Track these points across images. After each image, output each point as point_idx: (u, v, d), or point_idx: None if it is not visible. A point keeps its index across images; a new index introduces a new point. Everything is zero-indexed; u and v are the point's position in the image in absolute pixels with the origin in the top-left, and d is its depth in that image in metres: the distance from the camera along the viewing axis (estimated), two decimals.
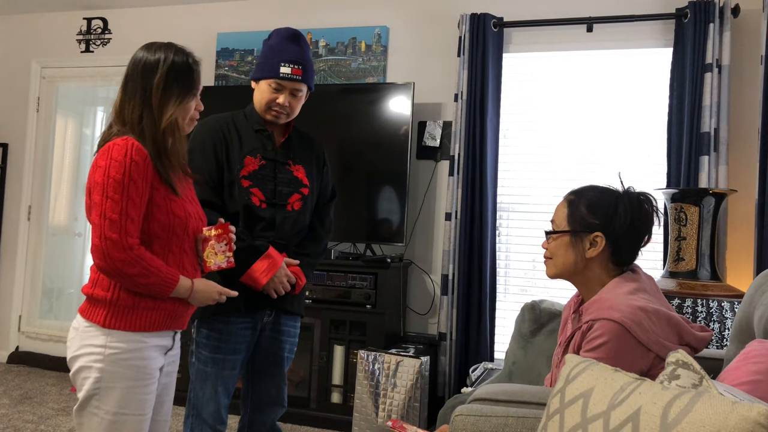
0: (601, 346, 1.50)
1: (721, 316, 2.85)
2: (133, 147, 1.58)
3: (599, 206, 1.65)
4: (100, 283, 1.61)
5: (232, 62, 4.37)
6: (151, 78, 1.65)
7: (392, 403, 3.15)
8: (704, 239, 3.01)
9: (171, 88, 1.66)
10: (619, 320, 1.49)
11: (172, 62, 1.67)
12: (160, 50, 1.69)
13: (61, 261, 4.81)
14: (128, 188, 1.56)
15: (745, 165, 3.38)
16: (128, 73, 1.69)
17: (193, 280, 1.69)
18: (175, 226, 1.66)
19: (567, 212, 1.70)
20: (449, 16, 3.96)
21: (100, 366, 1.57)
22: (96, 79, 4.79)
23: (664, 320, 1.55)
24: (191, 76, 1.70)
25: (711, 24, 3.29)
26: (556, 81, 3.76)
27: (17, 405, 3.74)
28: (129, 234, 1.55)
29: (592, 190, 1.69)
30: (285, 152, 2.21)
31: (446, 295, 3.65)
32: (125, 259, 1.53)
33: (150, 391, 1.63)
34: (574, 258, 1.66)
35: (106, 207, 1.54)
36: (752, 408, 0.89)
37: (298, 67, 2.11)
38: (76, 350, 1.61)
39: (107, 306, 1.59)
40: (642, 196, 1.66)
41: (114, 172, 1.55)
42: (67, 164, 4.84)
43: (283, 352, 2.24)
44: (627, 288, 1.59)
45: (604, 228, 1.63)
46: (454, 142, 3.70)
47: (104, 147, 1.60)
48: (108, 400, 1.57)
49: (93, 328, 1.59)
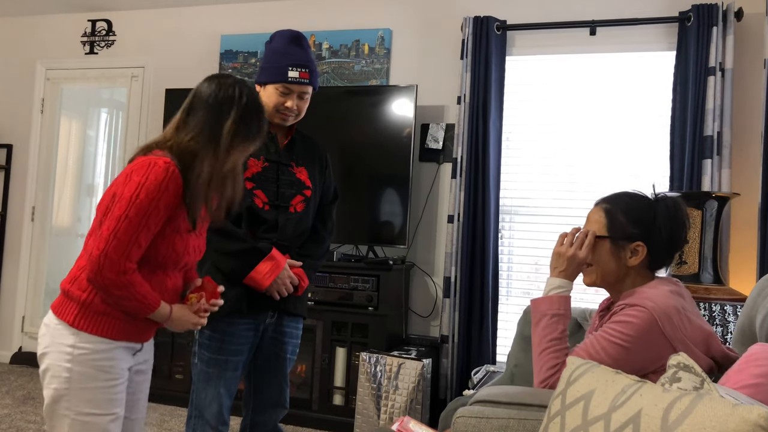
0: (626, 323, 1.53)
1: (724, 320, 2.84)
2: (174, 174, 1.56)
3: (638, 215, 1.65)
4: (78, 281, 1.60)
5: (235, 64, 4.39)
6: (223, 118, 1.63)
7: (394, 405, 3.15)
8: (707, 243, 3.01)
9: (239, 132, 1.63)
10: (651, 309, 1.52)
11: (246, 104, 1.64)
12: (233, 87, 1.65)
13: (65, 262, 4.82)
14: (150, 215, 1.54)
15: (748, 168, 3.37)
16: (192, 103, 1.66)
17: (172, 308, 1.67)
18: (168, 260, 1.65)
19: (605, 221, 1.69)
20: (452, 18, 3.97)
21: (69, 366, 1.56)
22: (100, 80, 4.81)
23: (697, 328, 1.56)
24: (262, 118, 1.67)
25: (714, 27, 3.30)
26: (559, 84, 3.76)
27: (20, 405, 3.75)
28: (129, 259, 1.54)
29: (627, 197, 1.69)
30: (288, 154, 2.21)
31: (448, 297, 3.65)
32: (116, 281, 1.53)
33: (119, 391, 1.63)
34: (616, 267, 1.67)
35: (120, 227, 1.53)
36: (752, 410, 0.89)
37: (305, 71, 2.13)
38: (46, 347, 1.60)
39: (79, 306, 1.58)
40: (675, 203, 1.67)
41: (144, 194, 1.53)
42: (70, 165, 4.86)
43: (286, 353, 2.25)
44: (667, 288, 1.61)
45: (645, 237, 1.64)
46: (456, 145, 3.70)
47: (145, 161, 1.57)
48: (77, 401, 1.57)
49: (62, 326, 1.59)
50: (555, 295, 1.68)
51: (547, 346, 1.63)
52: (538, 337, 1.66)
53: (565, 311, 1.66)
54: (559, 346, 1.62)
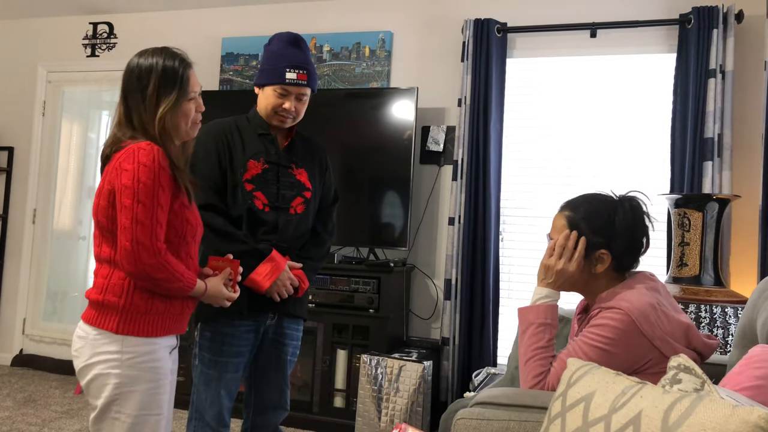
0: (605, 326, 1.54)
1: (725, 322, 2.84)
2: (159, 153, 1.60)
3: (598, 222, 1.67)
4: (111, 288, 1.61)
5: (236, 67, 4.39)
6: (146, 85, 1.66)
7: (395, 407, 3.15)
8: (708, 245, 3.00)
9: (162, 94, 1.66)
10: (627, 310, 1.53)
11: (163, 68, 1.67)
12: (152, 56, 1.69)
13: (66, 264, 4.82)
14: (157, 194, 1.57)
15: (748, 170, 3.37)
16: (125, 81, 1.71)
17: (206, 283, 1.73)
18: (186, 234, 1.68)
19: (568, 231, 1.70)
20: (453, 21, 3.97)
21: (117, 372, 1.58)
22: (102, 83, 4.82)
23: (675, 322, 1.58)
24: (179, 79, 1.68)
25: (715, 30, 3.30)
26: (560, 86, 3.77)
27: (21, 408, 3.75)
28: (158, 239, 1.57)
29: (587, 204, 1.71)
30: (288, 156, 2.22)
31: (449, 299, 3.65)
32: (155, 264, 1.55)
33: (166, 391, 1.66)
34: (584, 275, 1.69)
35: (137, 211, 1.55)
36: (753, 411, 0.89)
37: (303, 72, 2.13)
38: (89, 359, 1.60)
39: (119, 312, 1.60)
40: (633, 202, 1.68)
41: (144, 177, 1.56)
42: (72, 168, 4.86)
43: (286, 355, 2.25)
44: (642, 285, 1.63)
45: (607, 245, 1.65)
46: (457, 147, 3.70)
47: (128, 150, 1.60)
48: (129, 404, 1.59)
49: (104, 336, 1.60)
50: (542, 305, 1.69)
51: (532, 355, 1.64)
52: (524, 345, 1.67)
53: (552, 320, 1.68)
54: (545, 354, 1.64)
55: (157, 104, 1.65)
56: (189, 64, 1.73)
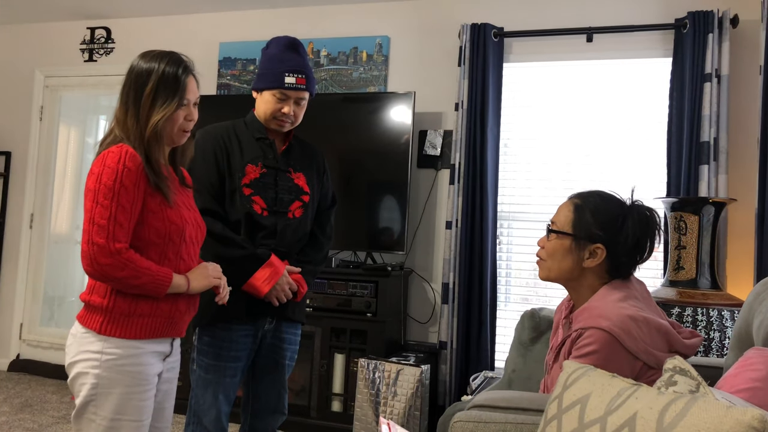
0: (591, 354, 1.51)
1: (721, 325, 2.85)
2: (127, 154, 1.60)
3: (606, 217, 1.64)
4: (96, 289, 1.63)
5: (234, 71, 4.40)
6: (143, 87, 1.67)
7: (393, 411, 3.15)
8: (704, 248, 3.02)
9: (158, 98, 1.67)
10: (608, 329, 1.50)
11: (163, 72, 1.68)
12: (155, 59, 1.70)
13: (63, 269, 4.82)
14: (119, 194, 1.57)
15: (744, 174, 3.39)
16: (125, 80, 1.72)
17: (187, 274, 1.71)
18: (171, 233, 1.67)
19: (572, 216, 1.68)
20: (450, 26, 3.99)
21: (96, 372, 1.58)
22: (99, 88, 4.82)
23: (654, 329, 1.55)
24: (178, 86, 1.69)
25: (710, 34, 3.32)
26: (557, 90, 3.78)
27: (18, 413, 3.74)
28: (116, 239, 1.56)
29: (599, 197, 1.68)
30: (286, 160, 2.22)
31: (447, 303, 3.65)
32: (112, 264, 1.55)
33: (147, 398, 1.64)
34: (570, 265, 1.67)
35: (95, 213, 1.56)
36: (746, 412, 0.90)
37: (301, 76, 2.14)
38: (74, 356, 1.62)
39: (103, 313, 1.61)
40: (649, 212, 1.65)
41: (106, 179, 1.57)
42: (69, 173, 4.86)
43: (284, 359, 2.25)
44: (617, 296, 1.59)
45: (607, 241, 1.63)
46: (454, 151, 3.71)
47: (101, 155, 1.62)
48: (105, 406, 1.58)
49: (89, 335, 1.61)
50: None
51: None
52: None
53: None
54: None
55: (151, 107, 1.66)
56: (190, 71, 1.74)
